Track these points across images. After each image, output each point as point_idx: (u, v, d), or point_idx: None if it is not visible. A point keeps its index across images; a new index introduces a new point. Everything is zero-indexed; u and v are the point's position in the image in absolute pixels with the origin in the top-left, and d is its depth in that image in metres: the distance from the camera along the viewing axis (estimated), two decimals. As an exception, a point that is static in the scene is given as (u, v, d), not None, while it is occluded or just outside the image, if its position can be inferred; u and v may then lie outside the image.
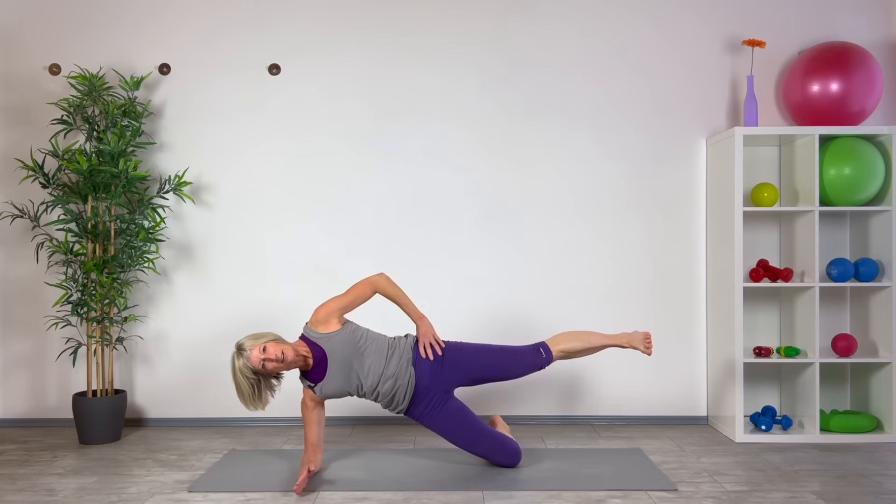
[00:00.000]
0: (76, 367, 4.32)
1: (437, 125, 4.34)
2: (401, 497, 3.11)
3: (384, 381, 3.36)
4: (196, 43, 4.35)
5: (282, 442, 3.99)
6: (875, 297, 4.07)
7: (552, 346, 3.49)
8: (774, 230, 4.30)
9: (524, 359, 3.46)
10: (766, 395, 4.30)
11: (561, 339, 3.52)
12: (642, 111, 4.34)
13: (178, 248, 4.36)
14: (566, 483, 3.25)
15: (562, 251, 4.34)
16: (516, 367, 3.46)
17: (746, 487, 3.21)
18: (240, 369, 3.21)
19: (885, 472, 3.42)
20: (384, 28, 4.34)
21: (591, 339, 3.52)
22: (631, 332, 3.57)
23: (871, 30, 4.31)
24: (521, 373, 3.47)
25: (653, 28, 4.34)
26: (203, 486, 3.25)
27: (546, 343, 3.51)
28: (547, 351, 3.48)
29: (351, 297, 3.41)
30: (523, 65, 4.34)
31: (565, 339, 3.51)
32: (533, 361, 3.46)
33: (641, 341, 3.53)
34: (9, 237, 4.34)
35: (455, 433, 3.43)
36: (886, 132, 3.93)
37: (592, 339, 3.52)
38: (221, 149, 4.35)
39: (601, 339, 3.53)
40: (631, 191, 4.34)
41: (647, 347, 3.52)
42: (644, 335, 3.53)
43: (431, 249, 4.34)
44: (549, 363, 3.49)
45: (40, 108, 4.32)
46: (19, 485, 3.32)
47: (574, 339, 3.51)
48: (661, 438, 4.01)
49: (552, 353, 3.48)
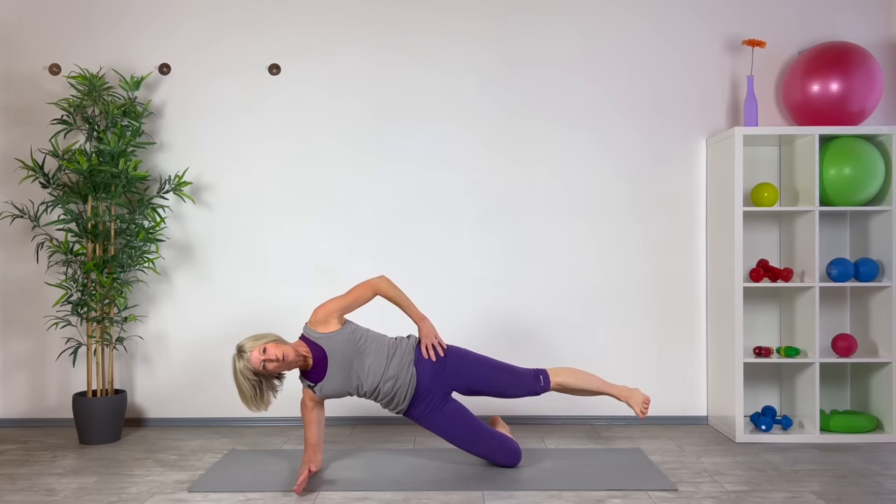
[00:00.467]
0: (76, 367, 4.32)
1: (437, 125, 4.34)
2: (401, 497, 3.11)
3: (385, 382, 3.37)
4: (196, 43, 4.35)
5: (282, 442, 3.99)
6: (875, 297, 4.07)
7: (552, 376, 3.51)
8: (774, 230, 4.30)
9: (522, 381, 3.48)
10: (766, 395, 4.30)
11: (562, 372, 3.53)
12: (642, 111, 4.34)
13: (178, 248, 4.36)
14: (566, 483, 3.25)
15: (562, 251, 4.34)
16: (513, 388, 3.47)
17: (746, 487, 3.21)
18: (241, 371, 3.22)
19: (885, 472, 3.42)
20: (384, 28, 4.34)
21: (591, 382, 3.53)
22: (632, 388, 3.57)
23: (871, 30, 4.32)
24: (516, 394, 3.49)
25: (653, 28, 4.34)
26: (203, 486, 3.25)
27: (547, 372, 3.52)
28: (546, 380, 3.50)
29: (351, 298, 3.42)
30: (523, 65, 4.34)
31: (565, 375, 3.52)
32: (531, 387, 3.48)
33: (639, 403, 3.52)
34: (9, 237, 4.34)
35: (455, 433, 3.44)
36: (886, 132, 3.93)
37: (592, 382, 3.53)
38: (221, 149, 4.35)
39: (601, 385, 3.54)
40: (631, 191, 4.34)
41: (641, 411, 3.51)
42: (644, 398, 3.53)
43: (431, 249, 4.34)
44: (545, 392, 3.52)
45: (40, 108, 4.33)
46: (19, 485, 3.32)
47: (575, 377, 3.52)
48: (661, 438, 4.01)
49: (550, 383, 3.50)
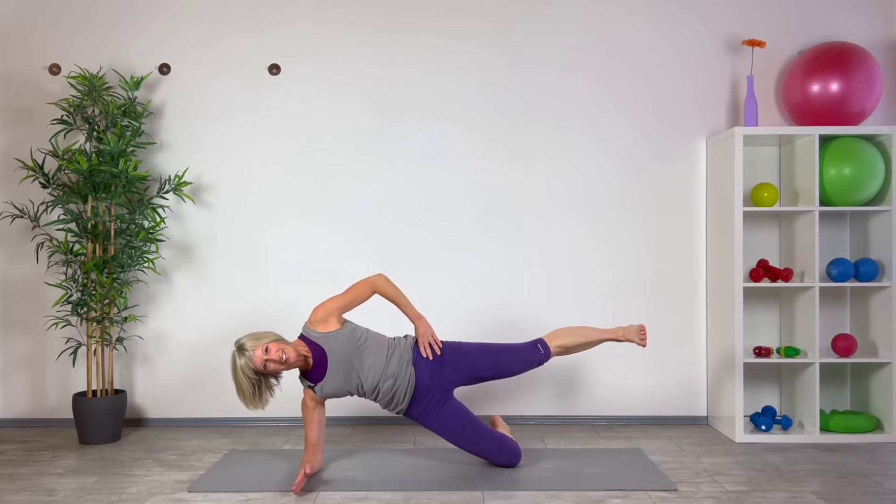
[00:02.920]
0: (76, 367, 4.32)
1: (437, 125, 4.34)
2: (401, 497, 3.11)
3: (384, 381, 3.36)
4: (196, 43, 4.35)
5: (282, 442, 3.99)
6: (875, 297, 4.07)
7: (549, 342, 3.53)
8: (774, 230, 4.30)
9: (522, 356, 3.49)
10: (766, 395, 4.30)
11: (558, 334, 3.56)
12: (642, 111, 4.34)
13: (178, 248, 4.36)
14: (566, 483, 3.25)
15: (562, 251, 4.34)
16: (515, 365, 3.48)
17: (746, 487, 3.21)
18: (241, 368, 3.21)
19: (885, 472, 3.42)
20: (384, 28, 4.34)
21: (588, 335, 3.58)
22: (626, 326, 3.64)
23: (871, 30, 4.31)
24: (520, 370, 3.50)
25: (653, 28, 4.34)
26: (203, 486, 3.25)
27: (543, 339, 3.54)
28: (545, 347, 3.51)
29: (350, 296, 3.42)
30: (523, 65, 4.34)
31: (562, 335, 3.56)
32: (531, 358, 3.49)
33: (636, 333, 3.58)
34: (9, 237, 4.34)
35: (455, 433, 3.44)
36: (886, 132, 3.93)
37: (588, 335, 3.58)
38: (221, 149, 4.35)
39: (597, 333, 3.59)
40: (631, 191, 4.34)
41: (641, 339, 3.57)
42: (639, 327, 3.58)
43: (431, 249, 4.34)
44: (548, 359, 3.52)
45: (40, 108, 4.32)
46: (19, 485, 3.32)
47: (570, 335, 3.56)
48: (661, 438, 4.01)
49: (550, 349, 3.52)
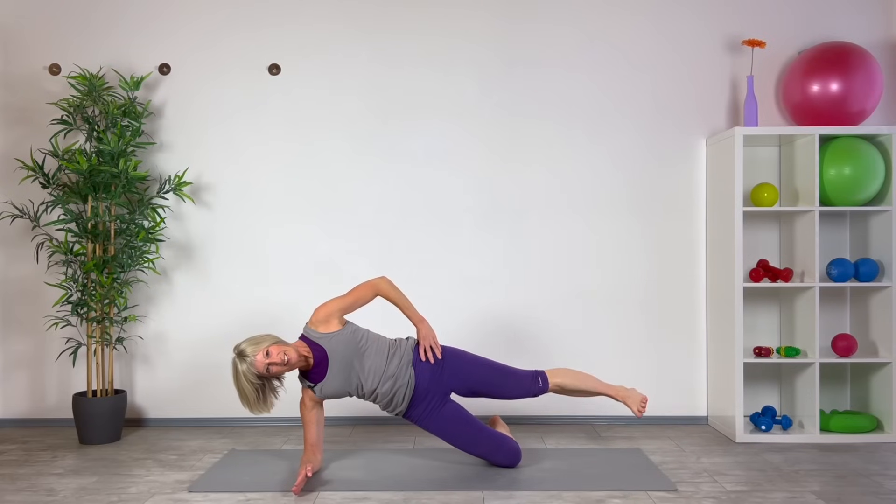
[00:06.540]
0: (76, 367, 4.32)
1: (437, 125, 4.34)
2: (401, 497, 3.11)
3: (384, 382, 3.36)
4: (196, 43, 4.35)
5: (282, 442, 3.99)
6: (875, 297, 4.07)
7: (550, 378, 3.53)
8: (774, 230, 4.30)
9: (523, 383, 3.50)
10: (766, 395, 4.30)
11: (560, 373, 3.55)
12: (642, 111, 4.34)
13: (178, 248, 4.36)
14: (566, 483, 3.25)
15: (562, 251, 4.34)
16: (511, 389, 3.49)
17: (746, 487, 3.21)
18: (243, 374, 3.21)
19: (885, 472, 3.42)
20: (384, 28, 4.34)
21: (589, 383, 3.55)
22: (629, 389, 3.59)
23: (871, 30, 4.31)
24: (518, 396, 3.50)
25: (653, 28, 4.34)
26: (203, 486, 3.25)
27: (545, 373, 3.54)
28: (544, 381, 3.51)
29: (352, 298, 3.42)
30: (523, 65, 4.34)
31: (564, 375, 3.54)
32: (529, 388, 3.50)
33: (637, 402, 3.55)
34: (9, 237, 4.34)
35: (454, 434, 3.44)
36: (886, 132, 3.93)
37: (589, 383, 3.55)
38: (221, 149, 4.35)
39: (599, 385, 3.56)
40: (631, 191, 4.34)
41: (639, 410, 3.54)
42: (641, 397, 3.56)
43: (431, 249, 4.34)
44: (543, 393, 3.53)
45: (40, 108, 4.32)
46: (19, 485, 3.32)
47: (573, 378, 3.54)
48: (661, 438, 4.01)
49: (549, 384, 3.52)
